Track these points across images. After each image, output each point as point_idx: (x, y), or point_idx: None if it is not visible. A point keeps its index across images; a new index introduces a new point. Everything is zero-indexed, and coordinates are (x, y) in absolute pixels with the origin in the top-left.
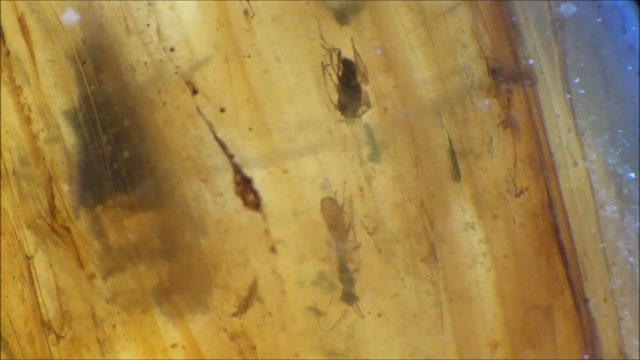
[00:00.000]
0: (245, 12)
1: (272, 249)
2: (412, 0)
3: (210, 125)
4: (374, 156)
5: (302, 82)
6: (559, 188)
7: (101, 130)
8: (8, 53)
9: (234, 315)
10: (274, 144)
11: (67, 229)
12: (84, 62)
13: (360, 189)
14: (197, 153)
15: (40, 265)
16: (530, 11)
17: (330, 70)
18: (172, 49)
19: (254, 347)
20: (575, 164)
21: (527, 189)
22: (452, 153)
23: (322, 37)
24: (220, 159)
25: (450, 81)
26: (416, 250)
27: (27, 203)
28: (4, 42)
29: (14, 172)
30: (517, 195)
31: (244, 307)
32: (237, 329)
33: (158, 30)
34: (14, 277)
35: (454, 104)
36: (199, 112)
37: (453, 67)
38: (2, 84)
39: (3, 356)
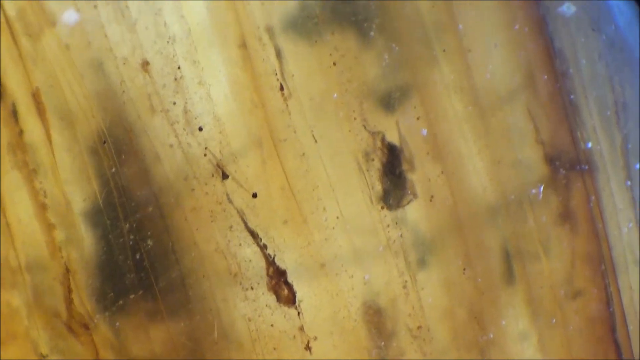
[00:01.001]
0: (281, 89)
1: (307, 347)
2: (465, 84)
3: (241, 213)
4: (420, 254)
5: (341, 168)
6: (617, 285)
7: (122, 217)
8: (21, 133)
9: None
10: (310, 235)
11: (86, 327)
12: (104, 142)
13: (405, 290)
14: (226, 243)
15: None
16: (590, 89)
17: (372, 155)
18: (200, 129)
19: None
20: (635, 262)
21: (584, 290)
22: (506, 253)
23: (364, 119)
24: (251, 249)
25: (505, 172)
26: (465, 358)
27: (41, 300)
28: (17, 120)
29: (26, 266)
30: (574, 298)
31: None
32: None
33: (185, 109)
34: None
35: (509, 198)
36: (229, 199)
37: (508, 155)
38: (15, 168)
39: None
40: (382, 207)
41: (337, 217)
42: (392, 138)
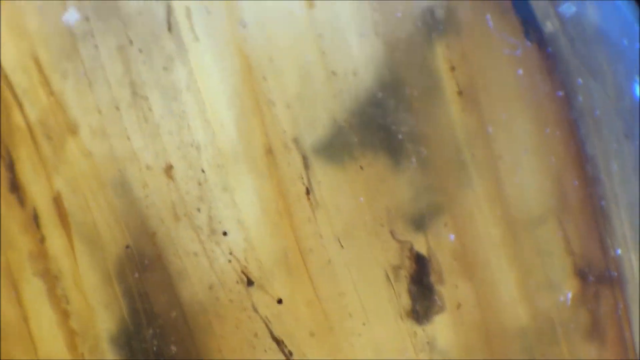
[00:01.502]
0: (307, 194)
1: None
2: (495, 194)
3: (266, 321)
4: None
5: (368, 276)
6: None
7: (145, 323)
8: (43, 240)
9: None
10: (337, 344)
11: None
12: (127, 247)
13: None
14: (252, 351)
15: None
16: (622, 195)
17: (400, 264)
18: (225, 233)
19: None
20: None
21: None
22: None
23: (392, 228)
24: (277, 357)
25: (535, 284)
26: None
27: None
28: (38, 225)
29: None
30: None
31: None
32: None
33: (210, 216)
34: None
35: (538, 313)
36: (254, 307)
37: (538, 267)
38: (36, 275)
39: None
40: (409, 318)
41: (364, 324)
42: (421, 248)
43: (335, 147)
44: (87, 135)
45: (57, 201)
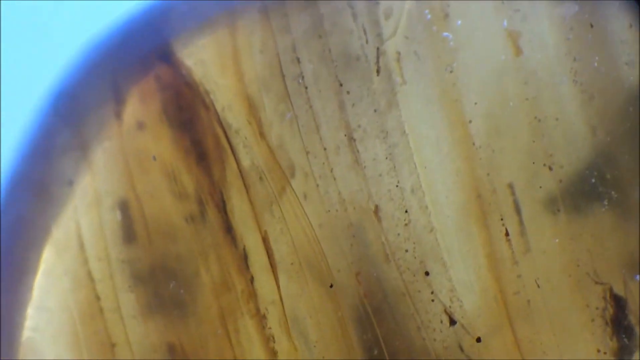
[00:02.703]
0: (506, 235)
1: None
2: None
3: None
4: None
5: (565, 318)
6: None
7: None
8: (252, 280)
9: None
10: None
11: None
12: (330, 286)
13: None
14: None
15: None
16: None
17: (599, 307)
18: (427, 273)
19: None
20: None
21: None
22: None
23: (594, 270)
24: None
25: None
26: None
27: None
28: (248, 265)
29: None
30: None
31: None
32: None
33: (414, 256)
34: None
35: None
36: (460, 346)
37: None
38: (247, 315)
39: None
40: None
41: None
42: (619, 291)
43: (544, 192)
44: (299, 178)
45: (265, 242)
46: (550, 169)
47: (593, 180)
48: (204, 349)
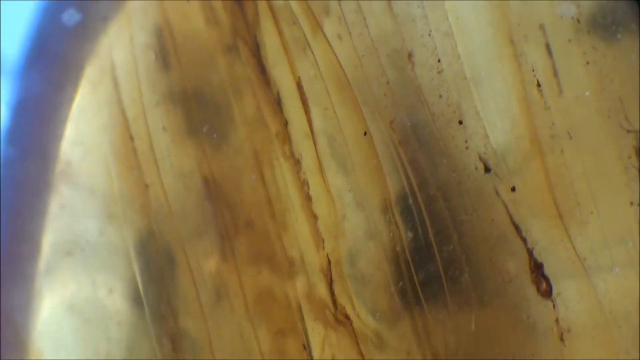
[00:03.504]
0: (538, 86)
1: (561, 339)
2: None
3: (506, 206)
4: None
5: (598, 163)
6: None
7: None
8: (287, 124)
9: None
10: (566, 230)
11: (347, 317)
12: (364, 134)
13: None
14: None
15: None
16: None
17: (631, 153)
18: (460, 122)
19: None
20: None
21: None
22: None
23: (625, 116)
24: (514, 242)
25: None
26: None
27: (312, 292)
28: (282, 109)
29: (300, 259)
30: None
31: None
32: None
33: (448, 103)
34: None
35: None
36: (497, 192)
37: None
38: (281, 158)
39: None
40: (638, 204)
41: (591, 213)
42: None
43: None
44: (333, 22)
45: (299, 87)
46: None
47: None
48: (237, 186)
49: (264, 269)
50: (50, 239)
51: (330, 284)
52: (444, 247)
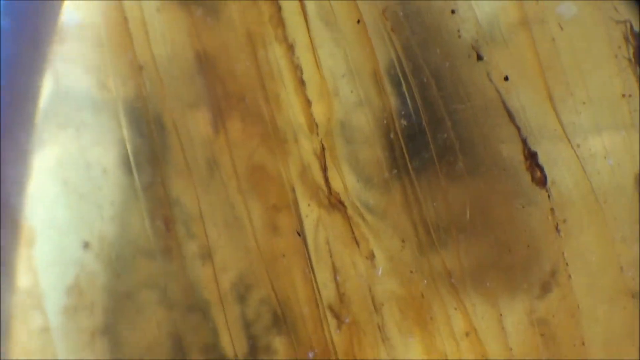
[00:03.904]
0: None
1: (557, 229)
2: None
3: (499, 92)
4: None
5: (589, 53)
6: None
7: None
8: (280, 9)
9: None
10: (559, 119)
11: (341, 203)
12: (358, 22)
13: None
14: (483, 121)
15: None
16: None
17: (620, 43)
18: (452, 12)
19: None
20: None
21: None
22: None
23: (614, 7)
24: (508, 128)
25: None
26: None
27: (305, 173)
28: None
29: (294, 138)
30: None
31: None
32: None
33: None
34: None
35: None
36: (489, 77)
37: None
38: (275, 42)
39: (291, 337)
40: (630, 95)
41: (584, 103)
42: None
43: None
44: None
45: None
46: None
47: None
48: (230, 63)
49: (257, 146)
50: (44, 113)
51: (324, 170)
52: (438, 134)
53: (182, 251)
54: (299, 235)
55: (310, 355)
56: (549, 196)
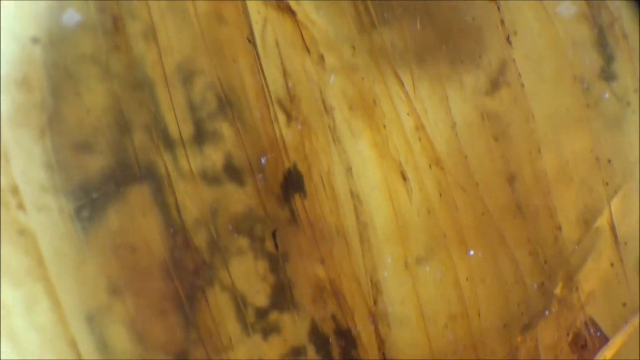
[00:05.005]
0: None
1: (508, 40)
2: None
3: None
4: None
5: None
6: None
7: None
8: None
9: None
10: None
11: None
12: None
13: None
14: None
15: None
16: None
17: None
18: None
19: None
20: None
21: None
22: None
23: None
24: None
25: None
26: None
27: None
28: None
29: None
30: None
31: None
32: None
33: None
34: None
35: None
36: None
37: None
38: None
39: (237, 125)
40: None
41: None
42: None
43: None
44: None
45: None
46: None
47: None
48: None
49: None
50: None
51: None
52: None
53: (125, 30)
54: (249, 41)
55: (263, 160)
56: (498, 8)
